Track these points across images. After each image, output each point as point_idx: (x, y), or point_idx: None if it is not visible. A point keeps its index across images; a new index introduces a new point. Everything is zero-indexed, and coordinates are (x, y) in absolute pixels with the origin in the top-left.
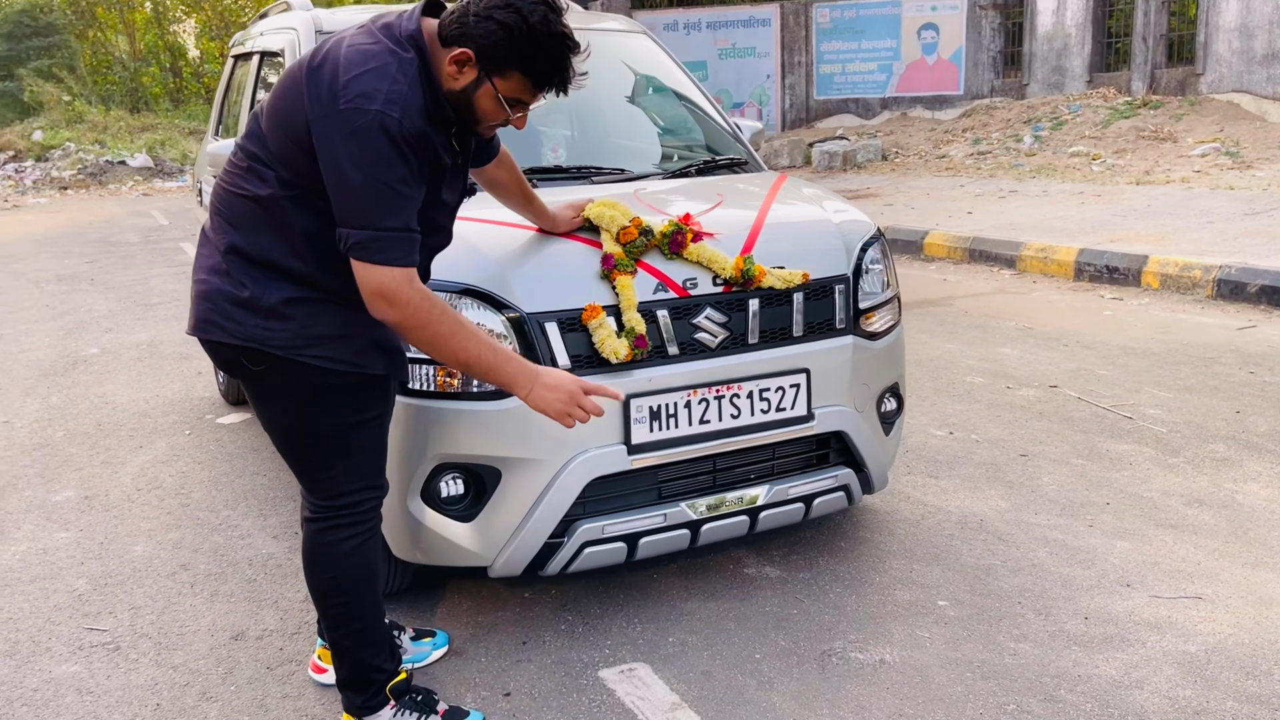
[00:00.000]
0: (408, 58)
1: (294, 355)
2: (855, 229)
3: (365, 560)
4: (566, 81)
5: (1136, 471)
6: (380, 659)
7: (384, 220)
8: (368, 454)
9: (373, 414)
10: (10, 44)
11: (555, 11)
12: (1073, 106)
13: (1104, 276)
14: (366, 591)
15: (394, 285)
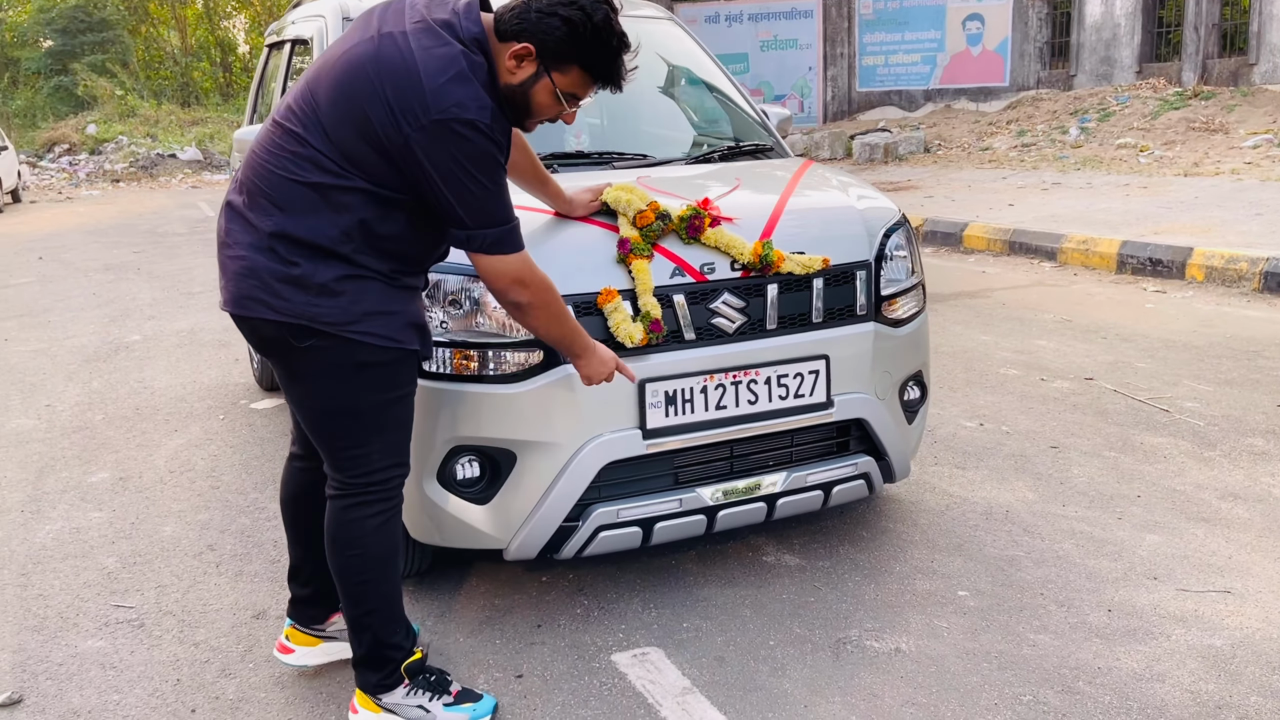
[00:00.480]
0: (478, 61)
1: (342, 331)
2: (879, 215)
3: (389, 537)
4: (621, 77)
5: (1170, 465)
6: (398, 637)
7: (508, 216)
8: (402, 430)
9: (408, 390)
10: (65, 39)
11: (615, 11)
12: (1121, 98)
13: (1147, 269)
14: (389, 569)
15: (527, 269)
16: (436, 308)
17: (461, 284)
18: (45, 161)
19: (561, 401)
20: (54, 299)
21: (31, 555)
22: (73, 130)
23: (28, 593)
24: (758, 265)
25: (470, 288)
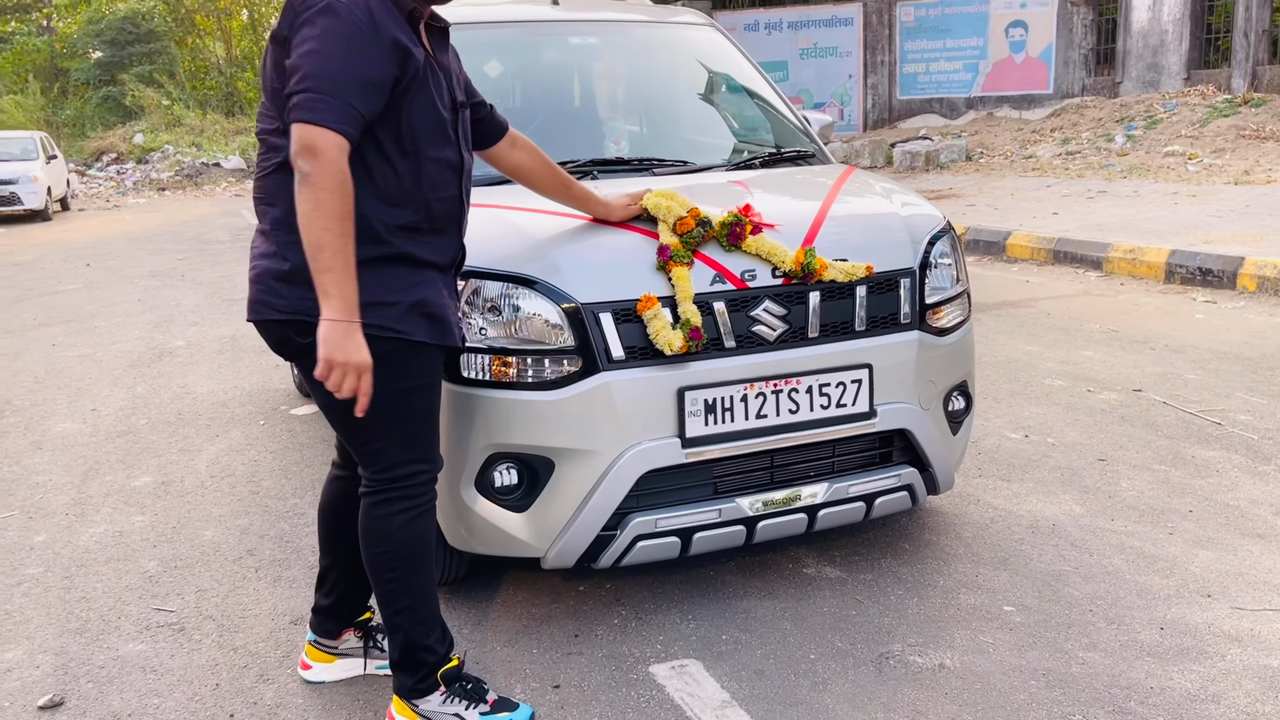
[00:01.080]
0: None
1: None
2: (923, 222)
3: (417, 536)
4: None
5: (1223, 479)
6: (431, 639)
7: (334, 89)
8: (418, 423)
9: (420, 382)
10: (113, 50)
11: None
12: (1168, 105)
13: (1196, 279)
14: (418, 568)
15: (325, 141)
16: (476, 314)
17: (501, 290)
18: (93, 170)
19: (600, 409)
20: (100, 305)
21: (75, 558)
22: (120, 139)
23: (71, 595)
24: (799, 273)
25: (511, 293)
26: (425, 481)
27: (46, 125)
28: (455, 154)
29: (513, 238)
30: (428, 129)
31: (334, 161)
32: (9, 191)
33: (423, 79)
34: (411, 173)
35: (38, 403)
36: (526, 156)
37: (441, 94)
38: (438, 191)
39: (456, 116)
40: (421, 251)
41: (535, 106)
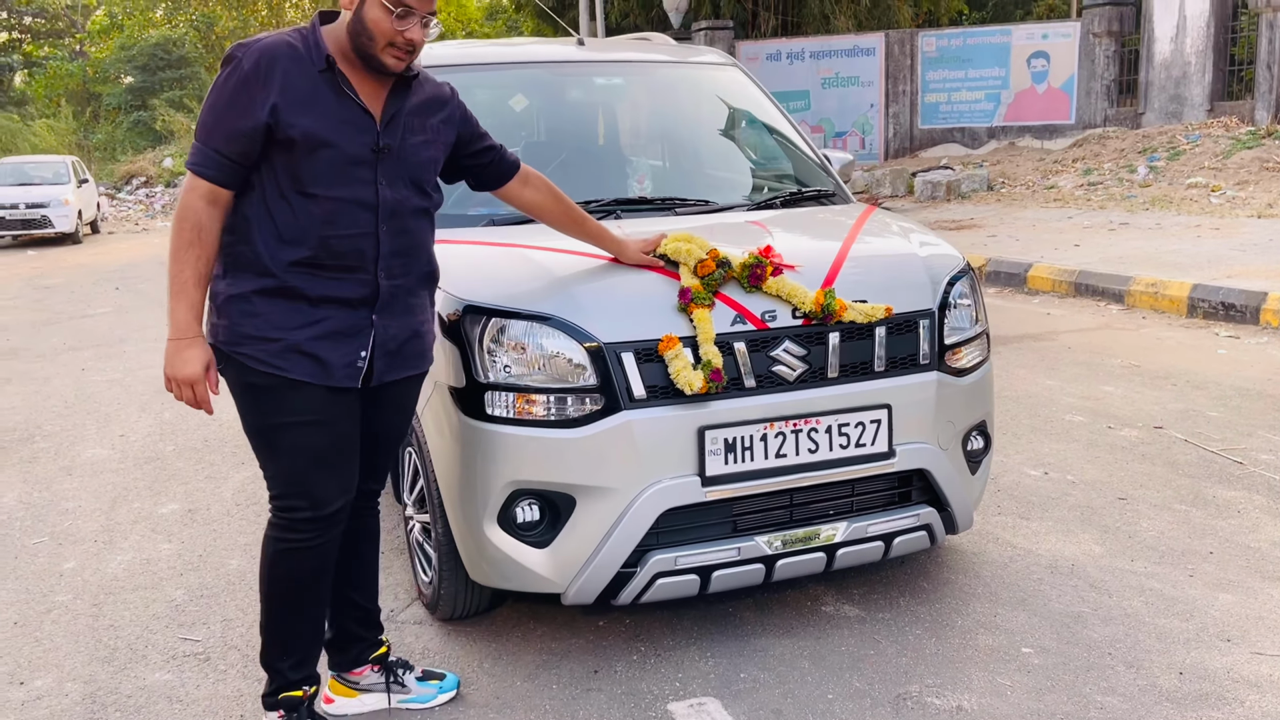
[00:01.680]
0: (286, 31)
1: (230, 350)
2: (942, 263)
3: (288, 572)
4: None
5: (1245, 520)
6: (284, 665)
7: (203, 140)
8: (295, 460)
9: (298, 420)
10: (145, 76)
11: None
12: (1191, 136)
13: (1219, 313)
14: (285, 601)
15: (186, 184)
16: (501, 352)
17: (526, 328)
18: (123, 194)
19: (621, 447)
20: (129, 329)
21: (104, 585)
22: (150, 164)
23: (99, 623)
24: (819, 314)
25: (535, 332)
26: (304, 520)
27: (78, 149)
28: (369, 193)
29: (537, 277)
30: (327, 171)
31: (186, 201)
32: (40, 215)
33: (327, 125)
34: (307, 211)
35: (68, 428)
36: (539, 195)
37: (353, 136)
38: (338, 229)
39: (378, 157)
40: (317, 288)
41: (560, 145)
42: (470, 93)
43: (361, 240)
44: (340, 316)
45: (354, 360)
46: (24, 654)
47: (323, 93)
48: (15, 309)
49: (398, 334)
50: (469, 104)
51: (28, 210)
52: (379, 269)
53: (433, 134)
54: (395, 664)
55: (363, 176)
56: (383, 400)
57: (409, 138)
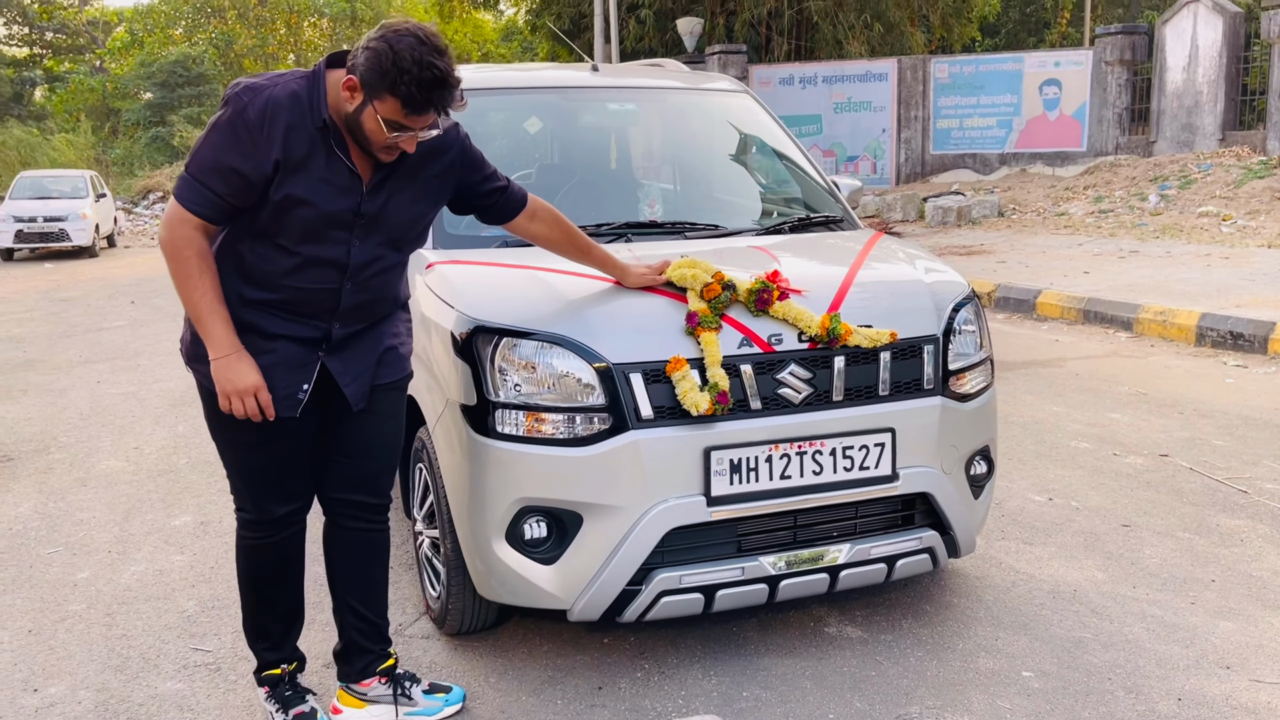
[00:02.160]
0: (293, 78)
1: (190, 365)
2: (947, 289)
3: (247, 565)
4: (442, 106)
5: (1248, 549)
6: (259, 648)
7: (196, 173)
8: (242, 473)
9: (242, 438)
10: (164, 92)
11: (424, 44)
12: (1203, 165)
13: (1227, 343)
14: (249, 590)
15: (171, 214)
16: (511, 371)
17: (536, 348)
18: (140, 208)
19: (628, 466)
20: (144, 343)
21: (117, 595)
22: (167, 179)
23: (113, 632)
24: (825, 339)
25: (546, 352)
26: (251, 521)
27: (96, 164)
28: (343, 253)
29: (549, 298)
30: (302, 228)
31: (181, 233)
32: (58, 228)
33: (311, 183)
34: (276, 261)
35: (83, 440)
36: (544, 227)
37: (336, 198)
38: (310, 283)
39: (356, 220)
40: (273, 326)
41: (573, 168)
42: (486, 116)
43: (324, 295)
44: (289, 350)
45: (295, 392)
46: (38, 661)
47: (316, 151)
48: (32, 321)
49: (360, 362)
50: (485, 128)
51: (46, 224)
52: (334, 319)
53: (424, 189)
54: (402, 677)
55: (338, 237)
56: (364, 410)
57: (395, 197)
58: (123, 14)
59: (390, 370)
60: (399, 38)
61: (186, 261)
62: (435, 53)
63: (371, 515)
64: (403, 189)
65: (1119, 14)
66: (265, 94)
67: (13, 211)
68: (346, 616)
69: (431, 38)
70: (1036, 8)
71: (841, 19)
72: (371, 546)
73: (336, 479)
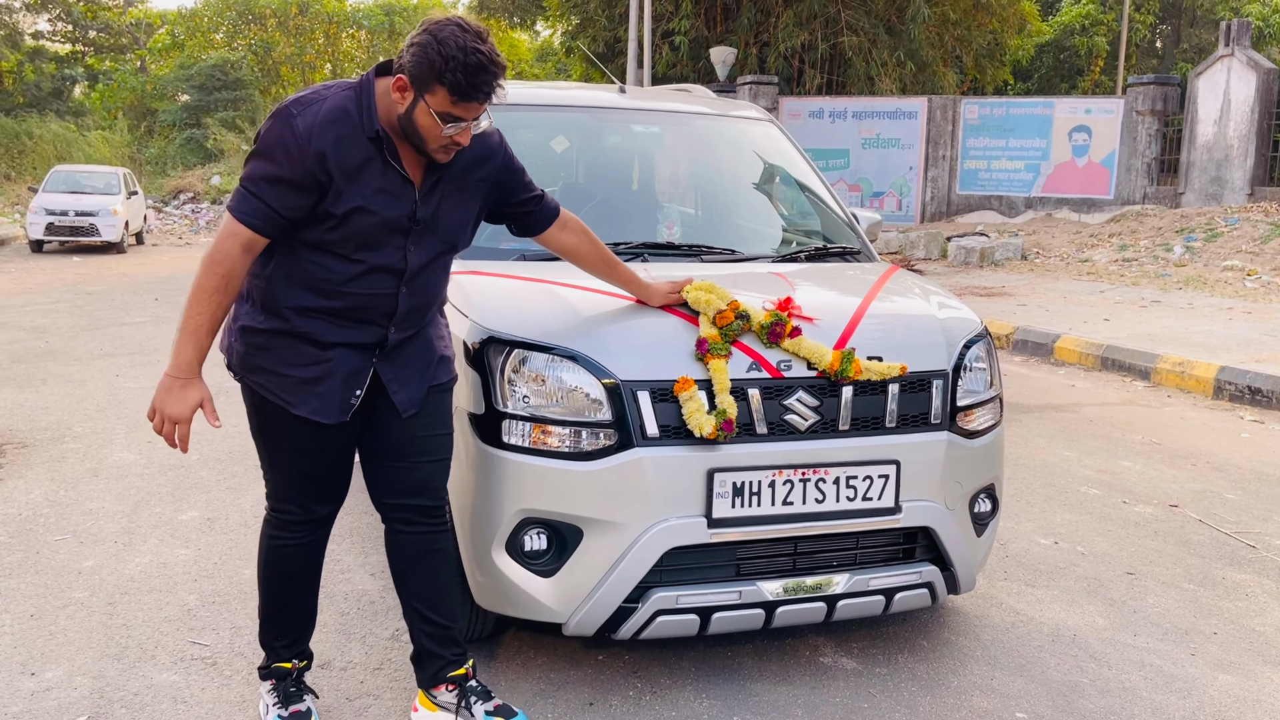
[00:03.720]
0: (341, 89)
1: (242, 376)
2: (959, 325)
3: (278, 563)
4: (487, 91)
5: (1252, 603)
6: (277, 643)
7: (245, 184)
8: (291, 475)
9: (298, 446)
10: (201, 95)
11: (466, 31)
12: (1230, 219)
13: (1245, 397)
14: (276, 588)
15: (227, 228)
16: (521, 382)
17: (546, 361)
18: (170, 207)
19: (631, 483)
20: (165, 339)
21: (120, 585)
22: (198, 180)
23: (113, 621)
24: (834, 376)
25: (555, 366)
26: (291, 522)
27: (130, 162)
28: (398, 258)
29: (561, 313)
30: (361, 236)
31: (224, 246)
32: (89, 223)
33: (368, 193)
34: (334, 269)
35: (97, 430)
36: (574, 238)
37: (392, 205)
38: (361, 288)
39: (411, 227)
40: (331, 335)
41: (596, 187)
42: (514, 131)
43: (382, 300)
44: (346, 358)
45: (349, 398)
46: (37, 646)
47: (370, 161)
48: (57, 313)
49: (410, 369)
50: (513, 142)
51: (77, 218)
52: (392, 324)
53: (471, 193)
54: (471, 689)
55: (394, 243)
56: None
57: (446, 201)
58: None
59: (440, 371)
60: (441, 28)
61: (214, 275)
62: (478, 38)
63: (429, 518)
64: (452, 194)
65: (1153, 64)
66: (314, 107)
67: (45, 204)
68: (415, 622)
69: (472, 25)
70: (1070, 54)
71: (875, 55)
72: (432, 549)
73: (389, 484)
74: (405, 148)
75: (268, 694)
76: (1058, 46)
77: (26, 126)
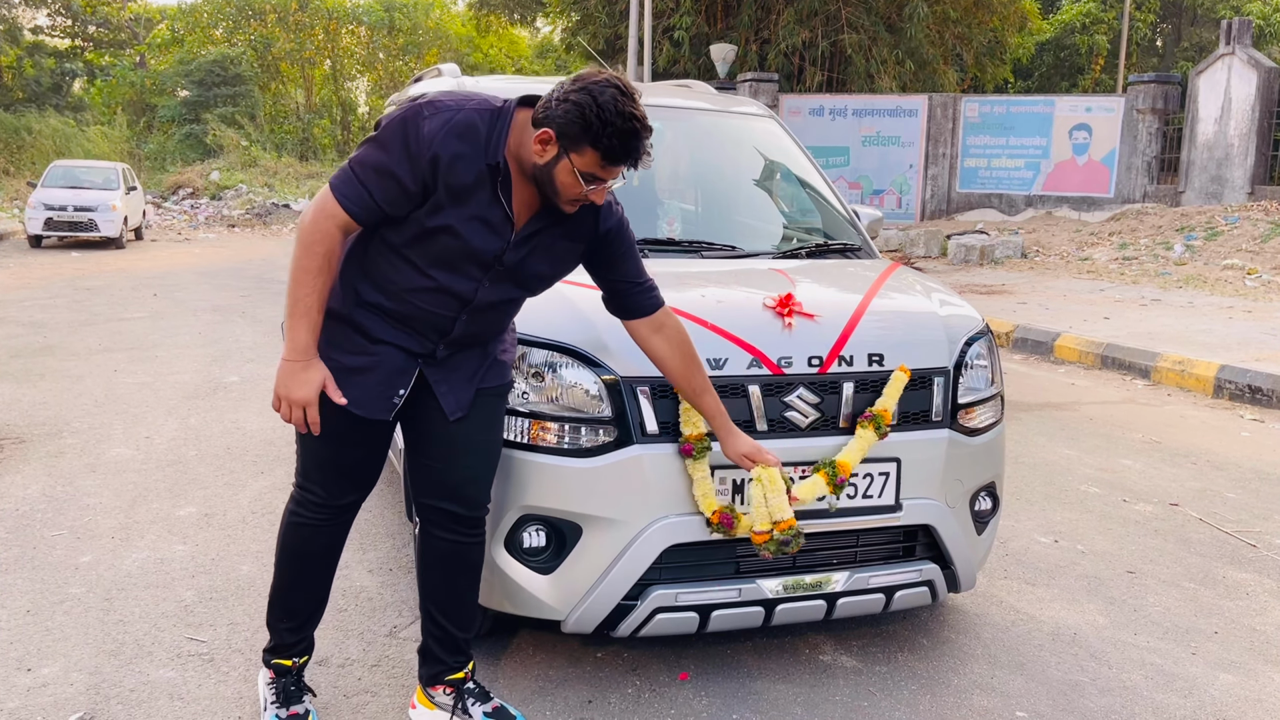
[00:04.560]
0: (479, 105)
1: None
2: (960, 323)
3: (294, 540)
4: (636, 157)
5: (1253, 602)
6: (282, 626)
7: (354, 164)
8: (320, 461)
9: (335, 433)
10: (201, 90)
11: (624, 95)
12: (1230, 218)
13: (1245, 396)
14: (288, 566)
15: (322, 203)
16: (520, 379)
17: (546, 358)
18: (169, 203)
19: (631, 480)
20: (163, 335)
21: (117, 581)
22: (197, 175)
23: (109, 617)
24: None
25: (555, 362)
26: (314, 503)
27: (129, 157)
28: (471, 290)
29: (562, 310)
30: (442, 255)
31: (323, 226)
32: (88, 219)
33: (465, 217)
34: (406, 276)
35: (95, 426)
36: (666, 345)
37: (484, 237)
38: (431, 306)
39: (494, 265)
40: (382, 332)
41: None
42: None
43: (440, 319)
44: (391, 356)
45: (391, 396)
46: (34, 642)
47: (480, 186)
48: (55, 308)
49: (460, 374)
50: None
51: (76, 213)
52: (442, 341)
53: (564, 254)
54: (469, 691)
55: (472, 274)
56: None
57: (537, 252)
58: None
59: (492, 375)
60: (601, 90)
61: (315, 256)
62: (633, 103)
63: (462, 527)
64: (545, 249)
65: (1154, 63)
66: (446, 114)
67: (44, 199)
68: (427, 623)
69: (628, 87)
70: (1071, 52)
71: (875, 54)
72: (459, 559)
73: (425, 483)
74: (521, 187)
75: (266, 686)
76: (1058, 45)
77: (26, 121)
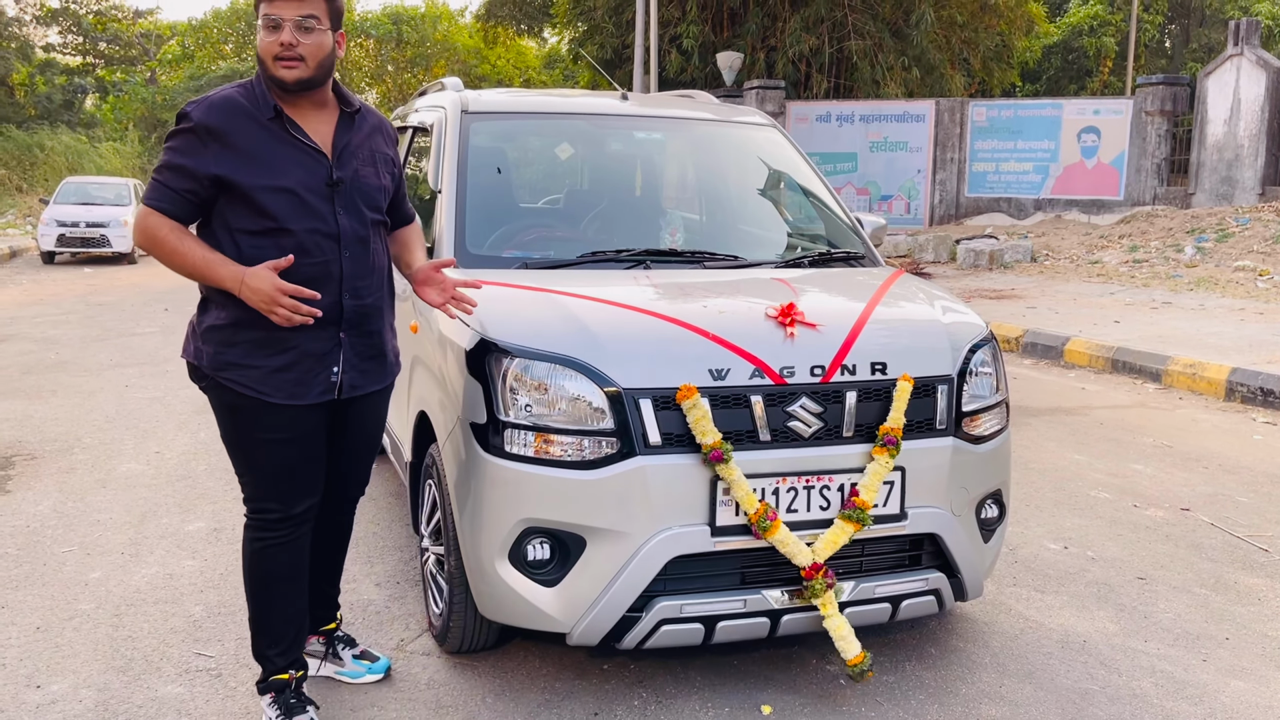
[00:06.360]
0: (232, 85)
1: (214, 375)
2: (965, 330)
3: (266, 566)
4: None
5: (1265, 608)
6: (271, 652)
7: (156, 175)
8: (275, 470)
9: (278, 436)
10: None
11: None
12: (1241, 219)
13: (1257, 399)
14: (265, 592)
15: (140, 214)
16: (523, 391)
17: (548, 370)
18: None
19: (634, 492)
20: (174, 350)
21: (126, 597)
22: None
23: (118, 633)
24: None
25: (557, 374)
26: (275, 520)
27: (141, 173)
28: (330, 224)
29: (564, 321)
30: (288, 207)
31: (147, 223)
32: (100, 234)
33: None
34: (276, 245)
35: (106, 441)
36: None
37: (308, 174)
38: (305, 258)
39: (334, 190)
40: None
41: (599, 194)
42: (516, 139)
43: (326, 266)
44: (312, 338)
45: (328, 377)
46: (43, 658)
47: (273, 139)
48: (68, 324)
49: (364, 351)
50: (516, 150)
51: (88, 229)
52: (343, 290)
53: (381, 162)
54: (338, 639)
55: (322, 209)
56: (352, 415)
57: (360, 168)
58: (176, 27)
59: (381, 376)
60: None
61: (164, 240)
62: None
63: (352, 507)
64: (364, 161)
65: (1162, 64)
66: (207, 102)
67: (56, 216)
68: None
69: None
70: (1078, 55)
71: (881, 60)
72: (343, 535)
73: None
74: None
75: (269, 707)
76: (1066, 47)
77: (38, 138)
